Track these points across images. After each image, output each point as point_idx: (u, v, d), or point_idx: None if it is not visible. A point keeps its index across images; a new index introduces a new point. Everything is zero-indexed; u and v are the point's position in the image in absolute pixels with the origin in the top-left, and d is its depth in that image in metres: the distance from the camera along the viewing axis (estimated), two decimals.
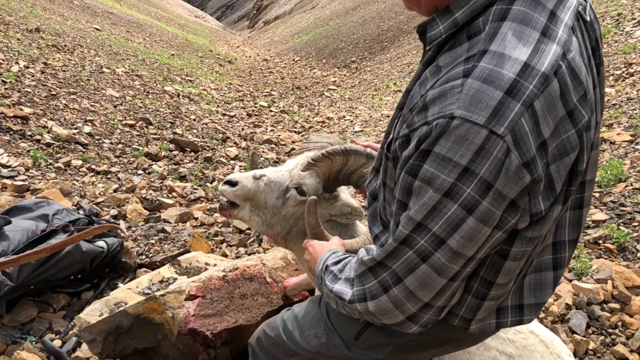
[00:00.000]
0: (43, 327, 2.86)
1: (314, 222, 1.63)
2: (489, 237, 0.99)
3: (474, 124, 0.91)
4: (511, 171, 0.92)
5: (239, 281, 2.40)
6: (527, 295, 1.24)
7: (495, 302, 1.20)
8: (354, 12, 28.47)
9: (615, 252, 3.62)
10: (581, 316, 3.00)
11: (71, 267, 2.99)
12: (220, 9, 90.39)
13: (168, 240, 3.96)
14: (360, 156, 1.84)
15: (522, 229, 1.04)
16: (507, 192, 0.94)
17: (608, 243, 3.67)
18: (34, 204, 3.21)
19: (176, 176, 6.06)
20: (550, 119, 0.94)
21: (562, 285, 3.30)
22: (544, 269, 1.22)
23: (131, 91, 9.68)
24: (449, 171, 0.94)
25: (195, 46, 24.63)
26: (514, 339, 1.96)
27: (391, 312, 1.12)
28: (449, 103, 0.94)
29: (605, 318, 2.96)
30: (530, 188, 0.96)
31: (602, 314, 2.99)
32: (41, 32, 11.91)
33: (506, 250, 1.09)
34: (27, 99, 6.88)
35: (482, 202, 0.94)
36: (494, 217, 0.96)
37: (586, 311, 3.04)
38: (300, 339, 1.60)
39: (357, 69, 19.39)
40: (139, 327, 2.27)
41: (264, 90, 15.90)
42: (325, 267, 1.34)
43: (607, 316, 2.97)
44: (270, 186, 1.94)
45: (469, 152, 0.92)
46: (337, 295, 1.23)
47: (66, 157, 5.69)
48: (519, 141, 0.91)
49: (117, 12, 24.79)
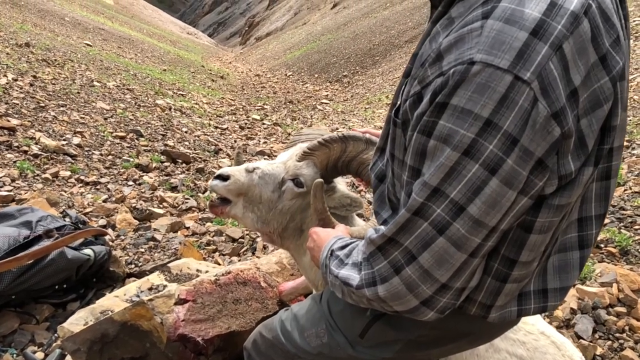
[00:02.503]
0: (25, 339, 2.71)
1: (321, 207, 1.51)
2: (513, 204, 0.89)
3: (496, 69, 0.81)
4: (539, 123, 0.82)
5: (232, 285, 2.27)
6: (551, 279, 1.12)
7: (517, 285, 1.08)
8: (345, 27, 28.68)
9: (617, 256, 3.58)
10: (587, 321, 2.92)
11: (55, 276, 2.84)
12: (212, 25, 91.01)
13: (158, 249, 3.82)
14: (359, 142, 1.73)
15: (549, 195, 0.94)
16: (534, 149, 0.84)
17: (610, 247, 3.64)
18: (17, 211, 3.08)
19: (167, 187, 5.93)
20: (581, 64, 0.84)
21: None
22: (569, 249, 1.11)
23: (122, 104, 9.57)
24: (469, 125, 0.84)
25: (187, 62, 24.62)
26: (524, 340, 1.85)
27: (404, 297, 1.00)
28: (467, 48, 0.85)
29: (612, 322, 2.89)
30: (560, 144, 0.86)
31: (609, 318, 2.92)
32: (31, 47, 11.82)
33: (531, 221, 0.98)
34: (14, 111, 6.75)
35: (507, 161, 0.84)
36: (520, 178, 0.86)
37: (592, 315, 2.97)
38: (300, 340, 1.47)
39: (349, 83, 19.43)
40: (126, 335, 2.14)
41: (256, 104, 15.83)
42: (330, 253, 1.23)
43: (614, 320, 2.90)
44: (264, 179, 1.82)
45: (492, 101, 0.82)
46: (343, 282, 1.11)
47: (54, 168, 5.55)
48: (547, 88, 0.81)
49: (108, 28, 24.81)
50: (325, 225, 1.52)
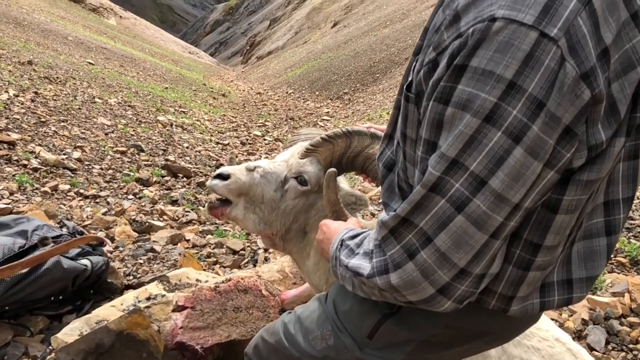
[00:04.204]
0: (18, 352, 2.61)
1: (334, 199, 1.44)
2: (538, 178, 0.81)
3: (520, 25, 0.75)
4: (566, 85, 0.75)
5: (232, 293, 2.19)
6: (576, 268, 1.04)
7: (541, 274, 1.01)
8: (346, 45, 28.87)
9: (628, 266, 3.52)
10: (599, 332, 2.83)
11: (51, 286, 2.75)
12: (214, 45, 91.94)
13: (157, 260, 3.73)
14: (364, 137, 1.67)
15: (578, 169, 0.87)
16: (561, 114, 0.77)
17: (620, 257, 3.56)
18: (13, 220, 3.00)
19: (168, 201, 5.86)
20: (612, 20, 0.78)
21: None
22: (594, 235, 1.03)
23: (123, 120, 9.57)
24: (491, 88, 0.77)
25: (189, 80, 24.76)
26: (539, 347, 1.76)
27: (418, 285, 0.92)
28: (487, 5, 0.79)
29: (625, 333, 2.80)
30: (589, 110, 0.79)
31: (622, 328, 2.83)
32: (33, 65, 11.87)
33: (557, 200, 0.90)
34: (15, 126, 6.73)
35: (532, 127, 0.77)
36: (546, 148, 0.79)
37: (604, 326, 2.88)
38: (305, 344, 1.37)
39: (350, 100, 19.46)
40: (122, 346, 2.05)
41: (257, 121, 15.85)
42: (340, 243, 1.15)
43: (627, 331, 2.82)
44: (266, 178, 1.75)
45: (515, 61, 0.75)
46: (354, 272, 1.04)
47: (53, 182, 5.50)
48: (576, 46, 0.75)
49: (111, 47, 25.00)
50: (337, 218, 1.44)
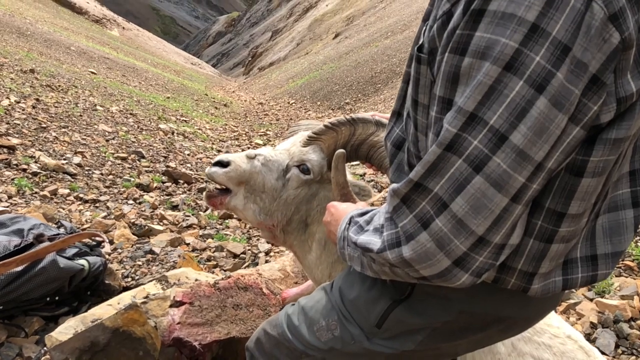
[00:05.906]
0: (12, 353, 2.54)
1: (343, 181, 1.38)
2: (563, 133, 0.75)
3: None
4: (594, 28, 0.70)
5: (232, 290, 2.12)
6: (601, 243, 0.97)
7: (565, 247, 0.94)
8: (347, 56, 28.96)
9: (635, 269, 3.45)
10: (609, 335, 2.76)
11: (46, 286, 2.67)
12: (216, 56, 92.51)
13: (156, 262, 3.66)
14: (368, 124, 1.61)
15: (605, 127, 0.80)
16: (588, 60, 0.71)
17: (627, 260, 3.50)
18: (9, 219, 2.94)
19: (168, 206, 5.81)
20: None
21: (584, 304, 3.09)
22: (620, 207, 0.96)
23: (125, 127, 9.55)
24: (512, 32, 0.71)
25: (191, 90, 24.83)
26: (550, 344, 1.69)
27: (433, 256, 0.84)
28: None
29: (636, 336, 2.74)
30: (618, 56, 0.73)
31: (632, 331, 2.77)
32: (36, 73, 11.90)
33: (583, 161, 0.84)
34: (15, 131, 6.70)
35: (556, 75, 0.71)
36: (571, 99, 0.73)
37: (613, 329, 2.81)
38: (309, 335, 1.28)
39: (352, 110, 19.47)
40: (118, 343, 1.97)
41: (259, 131, 15.83)
42: (349, 221, 1.08)
43: (637, 334, 2.76)
44: (267, 166, 1.69)
45: (538, 2, 0.70)
46: (363, 248, 0.97)
47: (53, 186, 5.44)
48: None
49: (113, 58, 25.12)
50: (346, 201, 1.38)
